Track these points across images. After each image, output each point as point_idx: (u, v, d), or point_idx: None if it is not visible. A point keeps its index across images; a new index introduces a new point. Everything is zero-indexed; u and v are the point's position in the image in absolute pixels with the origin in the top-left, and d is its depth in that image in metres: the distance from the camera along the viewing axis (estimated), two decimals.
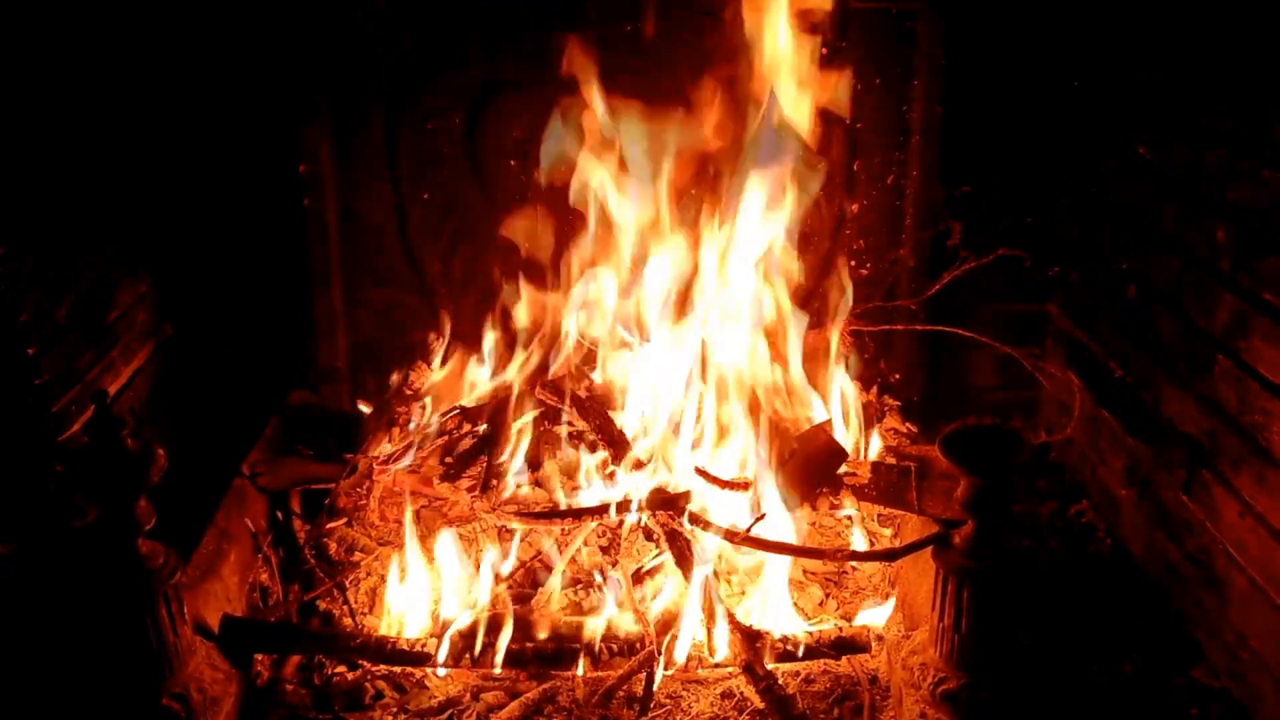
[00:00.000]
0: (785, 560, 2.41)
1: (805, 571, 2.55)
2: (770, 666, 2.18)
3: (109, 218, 2.68)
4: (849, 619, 2.42)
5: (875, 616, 2.37)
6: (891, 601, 2.38)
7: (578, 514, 2.43)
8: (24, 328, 2.27)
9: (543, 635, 2.25)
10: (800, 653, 2.23)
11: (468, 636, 2.22)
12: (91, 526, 2.07)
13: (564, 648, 2.22)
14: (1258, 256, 2.09)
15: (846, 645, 2.26)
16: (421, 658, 2.21)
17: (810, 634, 2.27)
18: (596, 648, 2.21)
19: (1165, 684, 2.22)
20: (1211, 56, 2.24)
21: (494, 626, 2.23)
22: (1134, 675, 2.24)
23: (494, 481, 2.57)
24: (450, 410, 2.79)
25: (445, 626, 2.27)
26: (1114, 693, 2.20)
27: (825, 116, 2.82)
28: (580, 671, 2.19)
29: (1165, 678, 2.24)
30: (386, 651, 2.22)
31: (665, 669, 2.19)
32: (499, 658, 2.19)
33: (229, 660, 2.14)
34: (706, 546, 2.39)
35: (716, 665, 2.23)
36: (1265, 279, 2.06)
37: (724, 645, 2.24)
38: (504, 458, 2.63)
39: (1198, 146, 2.29)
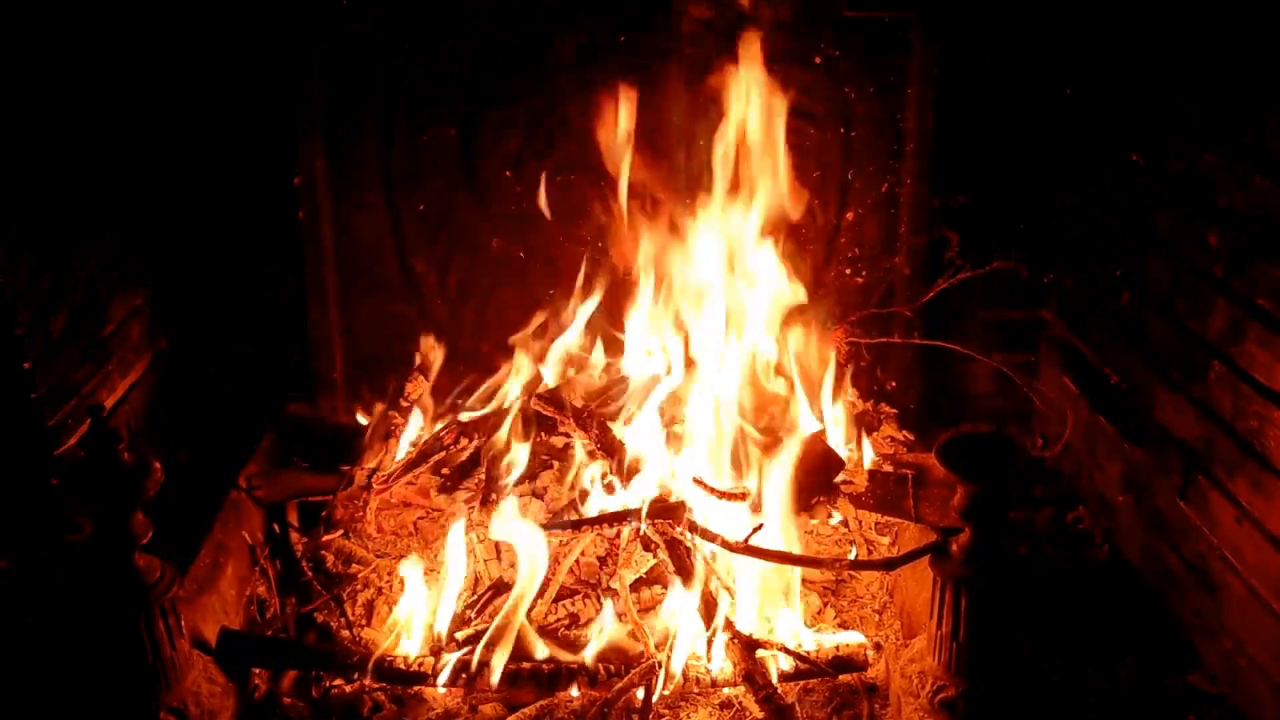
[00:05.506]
0: (784, 569, 2.41)
1: (804, 580, 2.55)
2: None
3: (104, 231, 2.68)
4: (845, 627, 2.43)
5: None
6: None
7: (576, 524, 2.43)
8: (20, 341, 2.27)
9: (540, 654, 2.24)
10: (796, 671, 2.24)
11: (465, 655, 2.21)
12: (88, 540, 2.07)
13: (561, 668, 2.21)
14: (1251, 262, 2.09)
15: (844, 664, 2.27)
16: (418, 677, 2.21)
17: (808, 651, 2.27)
18: (594, 669, 2.20)
19: (1162, 689, 2.22)
20: (1205, 61, 2.25)
21: (492, 644, 2.21)
22: (1131, 681, 2.24)
23: (493, 494, 2.57)
24: (447, 424, 2.79)
25: (442, 644, 2.26)
26: (1111, 698, 2.20)
27: (819, 125, 2.83)
28: (576, 693, 2.19)
29: (1162, 683, 2.24)
30: (384, 669, 2.21)
31: (665, 685, 2.18)
32: (495, 678, 2.18)
33: (226, 674, 2.13)
34: (706, 556, 2.39)
35: (715, 684, 2.22)
36: (1259, 284, 2.06)
37: (723, 655, 2.23)
38: (502, 470, 2.63)
39: (1191, 151, 2.29)
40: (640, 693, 2.16)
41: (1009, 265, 2.84)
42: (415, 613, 2.36)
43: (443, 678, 2.19)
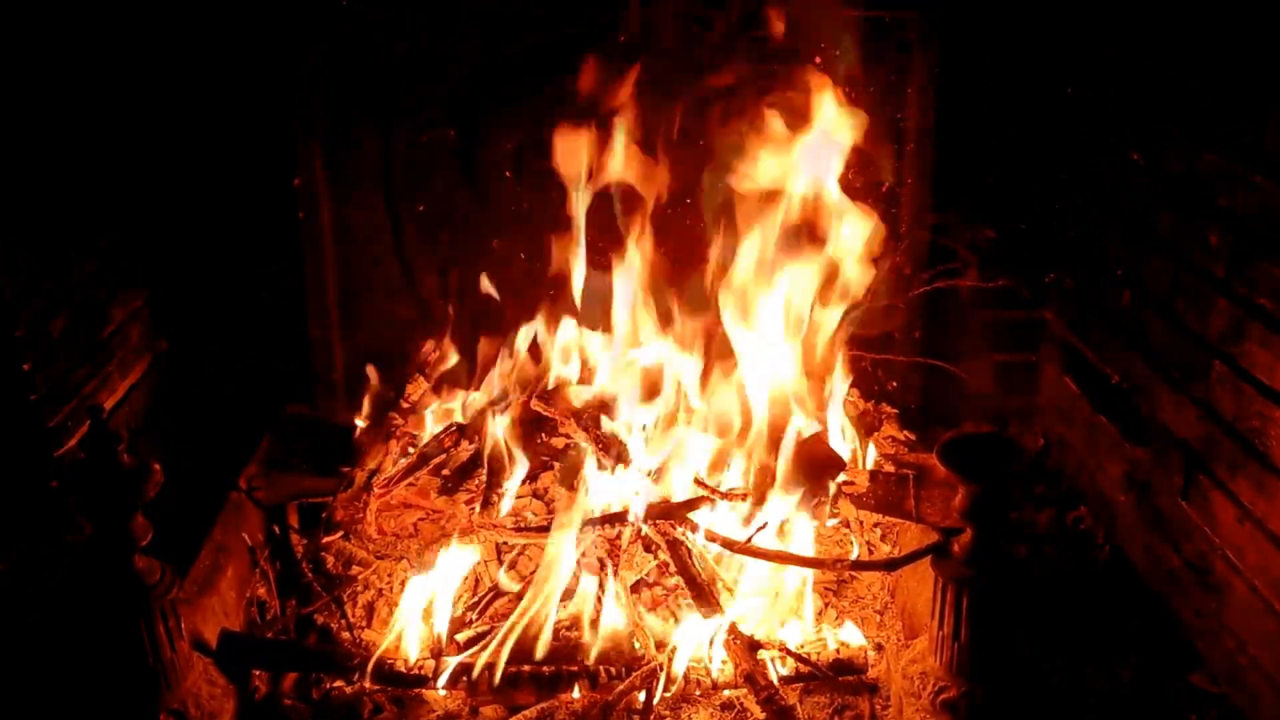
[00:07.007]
0: (785, 570, 2.41)
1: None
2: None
3: (104, 232, 2.67)
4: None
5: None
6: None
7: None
8: (19, 342, 2.26)
9: (540, 656, 2.24)
10: (797, 674, 2.24)
11: (465, 658, 2.21)
12: (87, 542, 2.06)
13: (562, 671, 2.20)
14: (1252, 262, 2.09)
15: (844, 667, 2.27)
16: (419, 680, 2.21)
17: (808, 654, 2.26)
18: (595, 670, 2.19)
19: (1163, 689, 2.22)
20: (1205, 61, 2.25)
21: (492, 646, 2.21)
22: (1132, 681, 2.23)
23: (494, 497, 2.56)
24: (447, 427, 2.79)
25: (443, 647, 2.26)
26: (1112, 698, 2.20)
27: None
28: (577, 695, 2.19)
29: (1163, 683, 2.24)
30: (384, 672, 2.21)
31: (667, 687, 2.18)
32: (497, 681, 2.17)
33: (226, 675, 2.13)
34: (707, 556, 2.38)
35: (717, 686, 2.22)
36: (1260, 284, 2.06)
37: (725, 655, 2.23)
38: (502, 472, 2.62)
39: (1191, 151, 2.29)
40: (641, 695, 2.16)
41: (1012, 284, 2.83)
42: (416, 615, 2.36)
43: (443, 680, 2.19)
